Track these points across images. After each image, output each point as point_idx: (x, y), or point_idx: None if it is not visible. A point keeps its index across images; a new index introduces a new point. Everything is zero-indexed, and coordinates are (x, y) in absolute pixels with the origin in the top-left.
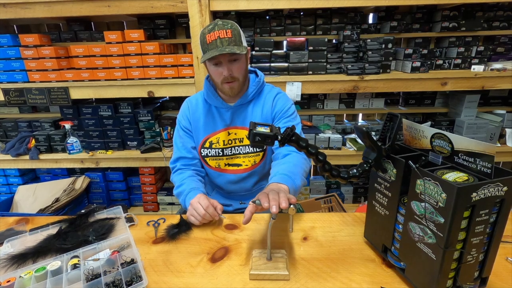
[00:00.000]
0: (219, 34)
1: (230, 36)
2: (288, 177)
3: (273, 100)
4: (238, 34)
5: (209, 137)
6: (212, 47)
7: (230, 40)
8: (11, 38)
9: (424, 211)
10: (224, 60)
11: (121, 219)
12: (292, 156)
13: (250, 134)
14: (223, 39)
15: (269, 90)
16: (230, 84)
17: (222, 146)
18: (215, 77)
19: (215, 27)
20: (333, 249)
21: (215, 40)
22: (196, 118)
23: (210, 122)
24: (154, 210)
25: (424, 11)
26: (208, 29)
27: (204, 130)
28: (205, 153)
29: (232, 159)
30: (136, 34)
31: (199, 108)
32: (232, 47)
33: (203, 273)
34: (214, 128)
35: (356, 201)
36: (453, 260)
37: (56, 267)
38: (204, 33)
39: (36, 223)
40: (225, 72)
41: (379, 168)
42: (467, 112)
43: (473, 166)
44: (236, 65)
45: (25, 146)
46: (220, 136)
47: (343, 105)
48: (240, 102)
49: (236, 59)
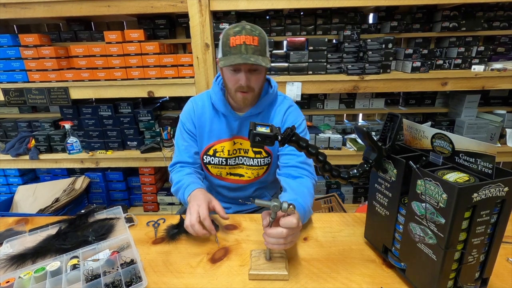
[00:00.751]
0: (245, 39)
1: (256, 44)
2: (303, 210)
3: (284, 114)
4: (264, 44)
5: (214, 144)
6: (235, 52)
7: (255, 48)
8: (11, 38)
9: (425, 212)
10: (245, 68)
11: (120, 219)
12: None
13: (250, 134)
14: (249, 46)
15: (280, 101)
16: (244, 95)
17: (226, 156)
18: (230, 84)
19: (242, 31)
20: (333, 250)
21: (239, 45)
22: (202, 122)
23: (216, 129)
24: (154, 210)
25: (424, 11)
26: (234, 31)
27: (209, 137)
28: (208, 160)
29: (234, 169)
30: (136, 34)
31: (205, 112)
32: (257, 57)
33: (203, 273)
34: (220, 136)
35: (356, 201)
36: (454, 261)
37: (55, 268)
38: (229, 34)
39: (35, 223)
40: (242, 82)
41: (379, 169)
42: (468, 112)
43: (474, 166)
44: (255, 76)
45: (25, 146)
46: (226, 145)
47: (343, 105)
48: (250, 113)
49: (256, 69)
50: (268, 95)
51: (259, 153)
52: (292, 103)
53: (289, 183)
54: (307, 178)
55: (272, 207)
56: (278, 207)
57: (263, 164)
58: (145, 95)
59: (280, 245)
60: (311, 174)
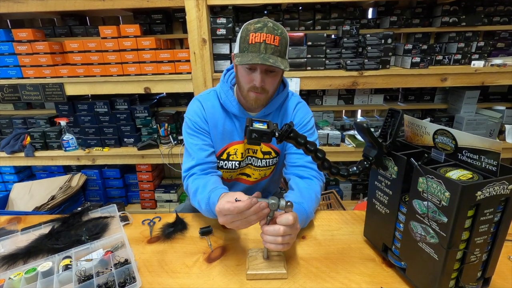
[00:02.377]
0: (266, 38)
1: (277, 44)
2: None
3: (293, 111)
4: (285, 44)
5: (227, 147)
6: (254, 50)
7: (275, 49)
8: (4, 33)
9: (427, 210)
10: (261, 69)
11: (115, 218)
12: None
13: (246, 131)
14: (268, 45)
15: (289, 99)
16: (257, 95)
17: (239, 159)
18: (243, 82)
19: (263, 28)
20: (332, 248)
21: (259, 43)
22: (214, 123)
23: (228, 131)
24: (151, 208)
25: (424, 5)
26: (255, 27)
27: (222, 139)
28: (221, 165)
29: (243, 169)
30: (132, 29)
31: (216, 113)
32: (276, 58)
33: (198, 273)
34: (232, 138)
35: (355, 198)
36: (456, 260)
37: (47, 268)
38: (249, 30)
39: (28, 222)
40: (257, 82)
41: (379, 166)
42: (467, 108)
43: (478, 163)
44: (271, 77)
45: (20, 143)
46: (239, 147)
47: (342, 101)
48: (262, 113)
49: (273, 70)
50: (281, 94)
51: (268, 153)
52: (300, 100)
53: (297, 184)
54: (315, 180)
55: (270, 205)
56: (276, 205)
57: (271, 164)
58: (141, 91)
59: (278, 244)
60: (319, 175)
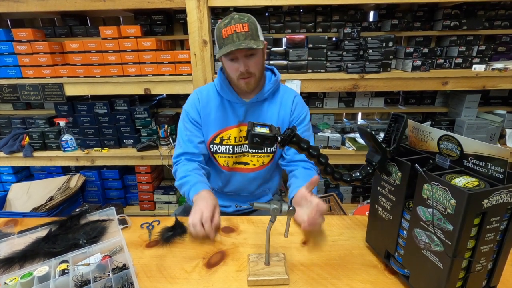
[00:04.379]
0: (236, 28)
1: (247, 30)
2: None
3: (292, 103)
4: (255, 28)
5: (220, 132)
6: (228, 42)
7: (246, 34)
8: (4, 33)
9: (432, 218)
10: (241, 55)
11: (113, 221)
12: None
13: (248, 135)
14: (240, 33)
15: (285, 90)
16: (246, 80)
17: (233, 143)
18: (231, 73)
19: (231, 21)
20: (334, 254)
21: (231, 35)
22: (207, 111)
23: (222, 116)
24: (150, 209)
25: (425, 9)
26: (224, 23)
27: (215, 124)
28: (215, 149)
29: (240, 157)
30: (132, 30)
31: (210, 100)
32: (248, 41)
33: (198, 279)
34: (226, 123)
35: (355, 201)
36: (461, 269)
37: (43, 273)
38: (220, 28)
39: (25, 224)
40: (241, 68)
41: (383, 171)
42: (468, 112)
43: (484, 170)
44: (252, 60)
45: (19, 143)
46: (232, 132)
47: (342, 104)
48: (256, 99)
49: (252, 54)
50: (272, 81)
51: None
52: (297, 93)
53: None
54: (313, 170)
55: (272, 210)
56: (278, 210)
57: (269, 151)
58: (141, 92)
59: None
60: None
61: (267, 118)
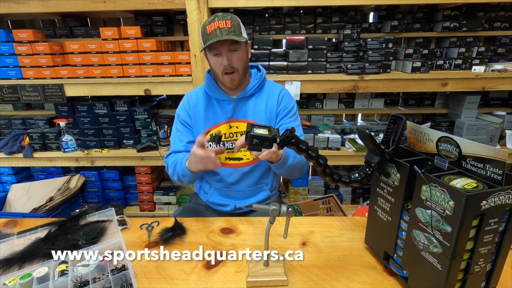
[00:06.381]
0: (219, 24)
1: (229, 26)
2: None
3: (279, 96)
4: (238, 25)
5: (210, 129)
6: (212, 37)
7: (229, 30)
8: (5, 34)
9: (430, 219)
10: (224, 49)
11: (113, 222)
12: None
13: (247, 137)
14: (223, 29)
15: (271, 85)
16: (230, 76)
17: (223, 139)
18: (216, 68)
19: (215, 18)
20: (333, 255)
21: (214, 30)
22: (196, 111)
23: (211, 114)
24: (150, 210)
25: (425, 10)
26: (209, 21)
27: (205, 122)
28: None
29: (233, 153)
30: (132, 31)
31: (199, 101)
32: (231, 36)
33: (197, 280)
34: (215, 120)
35: (355, 202)
36: (460, 271)
37: (42, 274)
38: (205, 25)
39: (24, 225)
40: (224, 62)
41: (382, 173)
42: (467, 113)
43: (482, 172)
44: (235, 55)
45: (19, 144)
46: (221, 129)
47: (342, 105)
48: (242, 95)
49: (235, 49)
50: (257, 76)
51: None
52: (283, 87)
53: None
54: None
55: (271, 211)
56: (277, 211)
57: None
58: (141, 93)
59: None
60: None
61: (255, 113)
